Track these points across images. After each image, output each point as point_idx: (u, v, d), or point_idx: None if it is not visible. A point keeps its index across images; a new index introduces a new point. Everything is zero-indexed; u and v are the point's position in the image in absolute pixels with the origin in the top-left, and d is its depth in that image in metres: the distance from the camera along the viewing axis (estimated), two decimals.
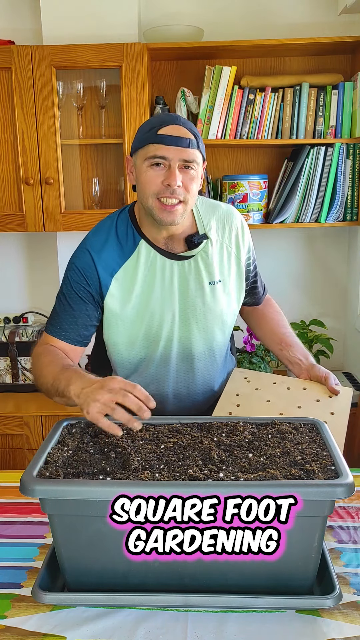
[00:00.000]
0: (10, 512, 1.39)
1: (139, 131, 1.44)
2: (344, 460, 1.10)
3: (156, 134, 1.37)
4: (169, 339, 1.52)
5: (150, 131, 1.39)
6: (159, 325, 1.50)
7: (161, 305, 1.49)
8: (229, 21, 2.63)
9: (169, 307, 1.50)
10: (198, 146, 1.41)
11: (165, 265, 1.50)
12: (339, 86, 2.47)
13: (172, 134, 1.37)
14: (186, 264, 1.51)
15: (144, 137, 1.40)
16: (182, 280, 1.50)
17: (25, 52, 2.39)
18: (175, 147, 1.37)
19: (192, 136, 1.39)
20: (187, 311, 1.51)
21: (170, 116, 1.41)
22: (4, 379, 2.75)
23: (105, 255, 1.48)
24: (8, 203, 2.52)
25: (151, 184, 1.40)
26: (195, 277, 1.51)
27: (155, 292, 1.49)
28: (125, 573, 1.07)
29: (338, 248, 2.82)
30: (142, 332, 1.51)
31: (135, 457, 1.13)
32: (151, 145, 1.38)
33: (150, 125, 1.40)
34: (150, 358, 1.54)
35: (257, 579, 1.06)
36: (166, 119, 1.39)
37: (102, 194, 2.69)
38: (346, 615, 1.03)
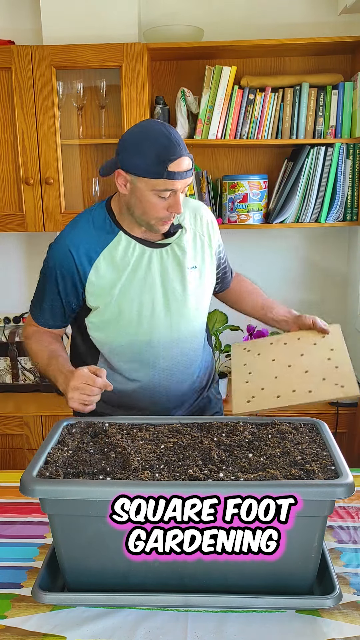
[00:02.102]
0: (10, 512, 1.39)
1: (137, 155, 1.41)
2: (344, 460, 1.10)
3: (167, 170, 1.38)
4: (151, 324, 1.55)
5: (159, 164, 1.38)
6: (141, 311, 1.54)
7: (142, 291, 1.54)
8: (229, 21, 2.62)
9: (149, 293, 1.54)
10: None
11: (145, 253, 1.54)
12: (339, 86, 2.47)
13: (181, 170, 1.40)
14: (164, 252, 1.56)
15: (152, 169, 1.39)
16: (162, 267, 1.55)
17: (25, 52, 2.39)
18: (183, 180, 1.42)
19: (190, 160, 1.43)
20: (168, 296, 1.56)
21: (175, 145, 1.39)
22: (4, 379, 2.75)
23: (83, 246, 1.53)
24: (8, 203, 2.52)
25: (157, 211, 1.46)
26: (174, 263, 1.56)
27: (137, 279, 1.53)
28: (125, 573, 1.07)
29: (338, 248, 2.82)
30: (125, 318, 1.55)
31: (135, 457, 1.13)
32: (161, 181, 1.40)
33: (157, 155, 1.38)
34: (134, 343, 1.57)
35: (257, 579, 1.07)
36: (173, 151, 1.39)
37: (102, 194, 2.68)
38: (346, 615, 1.03)
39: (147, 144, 1.40)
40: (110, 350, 1.59)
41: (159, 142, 1.39)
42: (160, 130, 1.41)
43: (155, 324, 1.56)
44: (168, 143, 1.39)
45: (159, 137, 1.40)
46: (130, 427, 1.29)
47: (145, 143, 1.40)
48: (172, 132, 1.41)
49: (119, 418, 1.35)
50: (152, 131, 1.41)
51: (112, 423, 1.30)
